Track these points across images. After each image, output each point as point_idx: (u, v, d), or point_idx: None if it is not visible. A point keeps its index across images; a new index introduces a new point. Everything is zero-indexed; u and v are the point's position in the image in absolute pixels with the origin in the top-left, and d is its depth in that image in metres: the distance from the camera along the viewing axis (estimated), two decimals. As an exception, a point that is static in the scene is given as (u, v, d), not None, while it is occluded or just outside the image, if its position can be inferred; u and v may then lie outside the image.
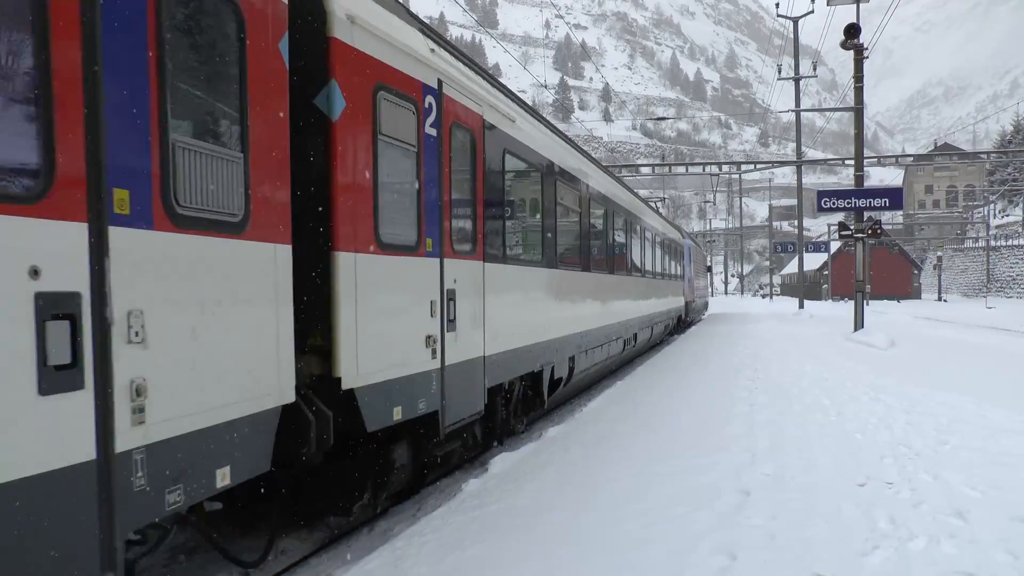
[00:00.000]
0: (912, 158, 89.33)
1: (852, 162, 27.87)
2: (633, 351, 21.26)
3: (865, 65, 25.58)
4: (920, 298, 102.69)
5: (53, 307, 3.59)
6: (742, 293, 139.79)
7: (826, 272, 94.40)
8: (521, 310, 10.62)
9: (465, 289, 8.50)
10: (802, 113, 43.84)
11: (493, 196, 9.48)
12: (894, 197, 25.15)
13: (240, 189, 4.94)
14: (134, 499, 4.08)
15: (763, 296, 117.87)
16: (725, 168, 63.56)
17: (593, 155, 16.48)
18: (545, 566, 5.19)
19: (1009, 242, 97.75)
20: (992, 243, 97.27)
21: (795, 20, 46.30)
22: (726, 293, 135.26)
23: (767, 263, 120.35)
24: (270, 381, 5.25)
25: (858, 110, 26.36)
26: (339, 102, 6.17)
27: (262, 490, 6.10)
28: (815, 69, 44.25)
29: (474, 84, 8.99)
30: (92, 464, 3.82)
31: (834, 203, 25.27)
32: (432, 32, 8.25)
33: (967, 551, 5.16)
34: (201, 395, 4.59)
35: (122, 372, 3.99)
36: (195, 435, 4.54)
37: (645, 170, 60.17)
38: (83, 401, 3.76)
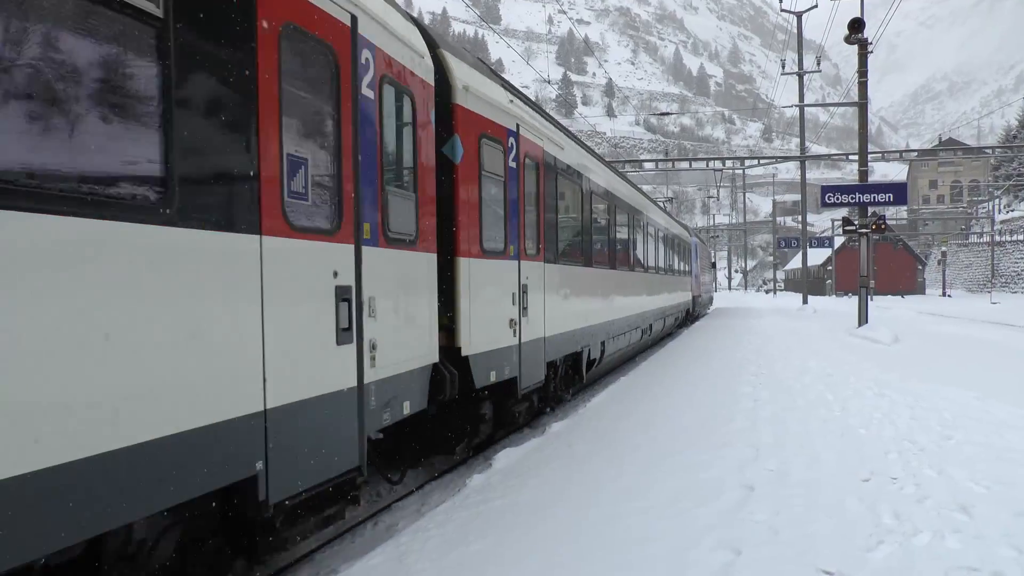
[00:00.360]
0: (916, 153, 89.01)
1: (856, 157, 27.82)
2: (648, 340, 23.34)
3: (869, 60, 25.53)
4: (924, 293, 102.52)
5: (342, 294, 5.84)
6: (745, 289, 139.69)
7: (830, 267, 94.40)
8: (568, 301, 12.85)
9: (533, 284, 10.83)
10: (806, 108, 43.82)
11: (550, 209, 11.81)
12: (898, 192, 25.10)
13: (412, 218, 7.26)
14: (370, 413, 6.30)
15: (767, 291, 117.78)
16: (728, 163, 63.40)
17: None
18: (549, 562, 5.19)
19: (1014, 237, 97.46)
20: (997, 238, 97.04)
21: (799, 15, 46.22)
22: (729, 289, 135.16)
23: (770, 258, 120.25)
24: (428, 345, 7.64)
25: (862, 105, 26.30)
26: (459, 150, 8.54)
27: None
28: (819, 64, 44.15)
29: (538, 123, 11.47)
30: (355, 388, 6.03)
31: (838, 198, 25.22)
32: (509, 85, 10.76)
33: (972, 546, 5.15)
34: (398, 352, 6.88)
35: (367, 333, 6.22)
36: (395, 377, 6.83)
37: (648, 165, 60.05)
38: (352, 350, 5.98)
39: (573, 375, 13.92)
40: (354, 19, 6.16)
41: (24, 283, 3.29)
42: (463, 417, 9.28)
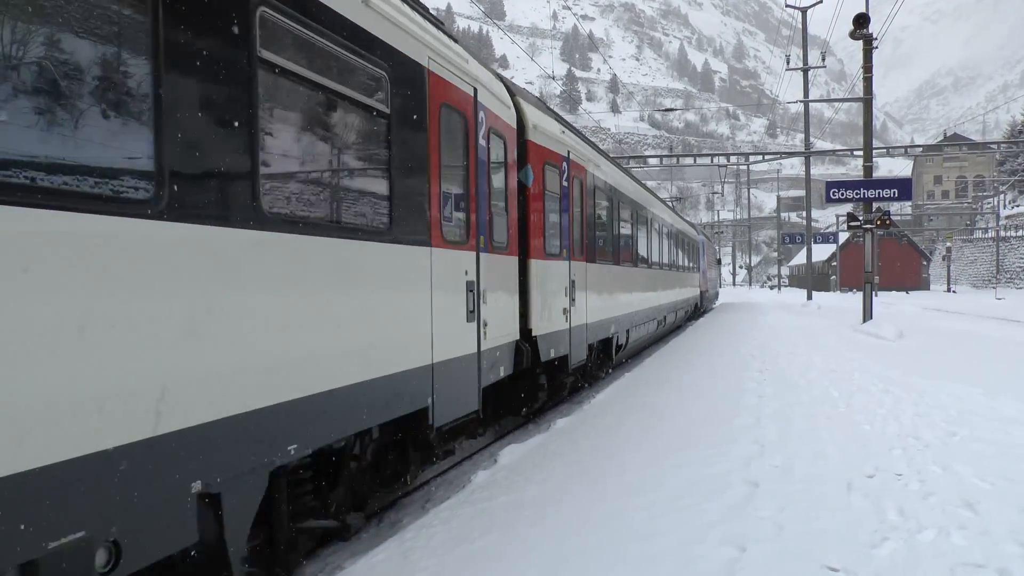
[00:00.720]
0: (921, 148, 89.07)
1: (861, 153, 27.75)
2: (662, 331, 25.93)
3: (874, 55, 25.47)
4: (929, 289, 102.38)
5: (469, 287, 8.28)
6: (750, 284, 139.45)
7: (834, 263, 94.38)
8: (603, 295, 15.23)
9: (579, 280, 13.26)
10: (810, 104, 43.68)
11: (590, 217, 14.27)
12: (903, 187, 25.07)
13: (505, 230, 9.76)
14: (483, 373, 8.75)
15: (771, 287, 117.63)
16: (733, 159, 63.42)
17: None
18: (554, 558, 5.20)
19: (1019, 233, 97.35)
20: (1002, 233, 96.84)
21: (804, 10, 46.09)
22: (734, 284, 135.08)
23: (775, 254, 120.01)
24: (513, 326, 10.08)
25: (867, 100, 26.25)
26: (531, 175, 10.91)
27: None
28: (824, 59, 44.02)
29: (582, 149, 14.08)
30: (475, 354, 8.46)
31: (843, 194, 25.20)
32: (561, 119, 13.49)
33: (977, 543, 5.14)
34: (497, 329, 9.28)
35: (482, 315, 8.68)
36: (497, 347, 9.30)
37: (653, 161, 60.02)
38: (474, 326, 8.43)
39: (604, 357, 16.32)
40: (475, 90, 8.66)
41: (317, 281, 5.42)
42: (528, 386, 11.34)
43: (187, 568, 4.68)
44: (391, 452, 7.55)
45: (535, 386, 11.47)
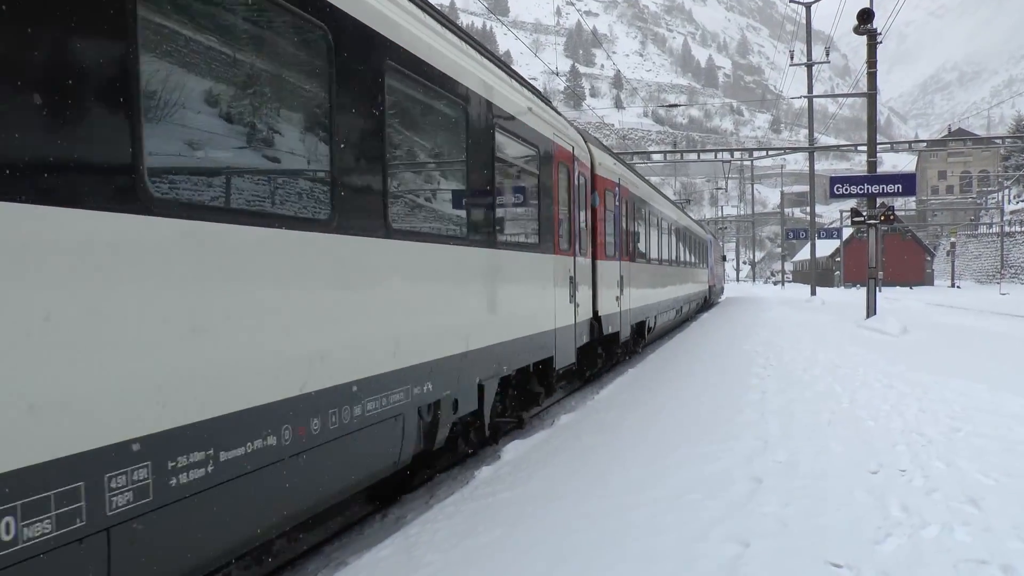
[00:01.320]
0: (925, 143, 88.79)
1: (865, 148, 27.73)
2: (680, 318, 29.97)
3: (878, 50, 25.41)
4: (933, 284, 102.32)
5: (570, 281, 12.04)
6: (754, 280, 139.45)
7: (838, 259, 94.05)
8: (640, 287, 19.18)
9: (626, 276, 17.03)
10: (815, 99, 43.62)
11: (631, 226, 18.37)
12: (907, 183, 25.01)
13: (588, 240, 13.66)
14: (577, 338, 12.59)
15: (775, 283, 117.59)
16: (737, 155, 63.34)
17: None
18: (557, 553, 5.20)
19: None
20: (1006, 229, 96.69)
21: (808, 5, 46.05)
22: (737, 280, 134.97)
23: (779, 250, 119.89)
24: (588, 308, 13.59)
25: (871, 95, 26.19)
26: (597, 199, 14.51)
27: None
28: (828, 55, 44.01)
29: (627, 174, 18.70)
30: (573, 325, 12.26)
31: (847, 189, 25.15)
32: (613, 152, 18.71)
33: (981, 539, 5.14)
34: (583, 310, 12.98)
35: (576, 299, 12.37)
36: (582, 322, 12.99)
37: (657, 157, 59.94)
38: (573, 307, 12.17)
39: (640, 337, 20.23)
40: (572, 147, 12.76)
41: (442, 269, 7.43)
42: (590, 355, 14.82)
43: (460, 427, 8.83)
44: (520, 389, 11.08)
45: (596, 355, 15.25)
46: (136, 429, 3.67)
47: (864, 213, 25.25)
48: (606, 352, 16.01)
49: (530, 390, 11.22)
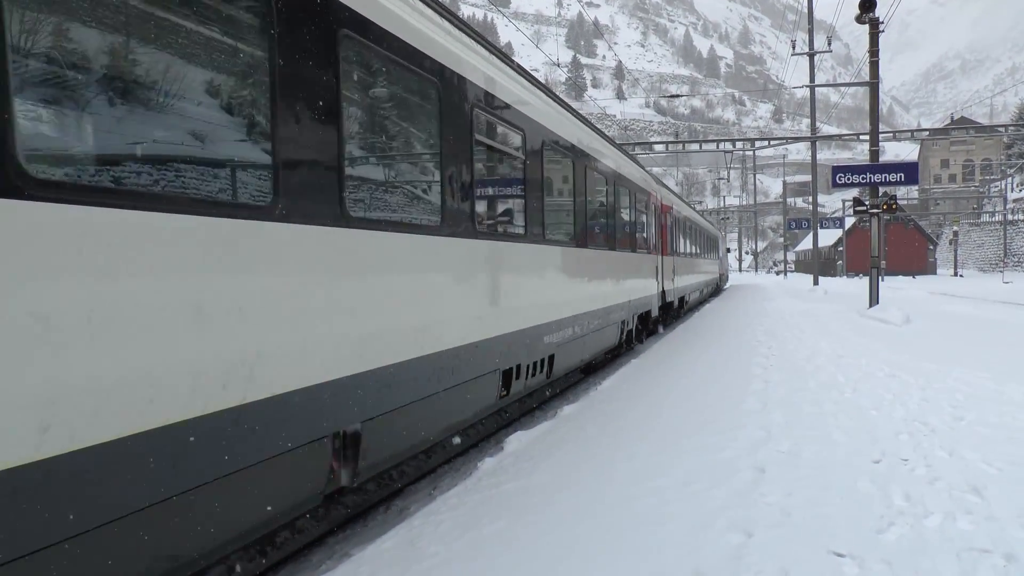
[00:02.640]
0: (928, 132, 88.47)
1: (867, 137, 27.65)
2: (700, 297, 37.29)
3: (881, 39, 25.32)
4: (935, 273, 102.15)
5: (656, 270, 21.23)
6: (756, 270, 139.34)
7: (841, 248, 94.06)
8: (681, 274, 26.57)
9: (676, 266, 24.95)
10: (816, 88, 43.54)
11: (674, 232, 24.83)
12: (909, 172, 24.95)
13: (659, 243, 21.83)
14: (663, 300, 22.51)
15: (777, 273, 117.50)
16: (739, 145, 63.22)
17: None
18: (562, 544, 5.21)
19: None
20: (1009, 217, 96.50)
21: (809, -6, 45.80)
22: (740, 270, 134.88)
23: (781, 240, 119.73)
24: (660, 285, 21.75)
25: (873, 84, 26.11)
26: (663, 218, 22.84)
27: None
28: (830, 44, 43.83)
29: (671, 196, 26.88)
30: (659, 292, 21.62)
31: (849, 178, 25.09)
32: (664, 184, 26.43)
33: (984, 528, 5.14)
34: (659, 285, 21.53)
35: (660, 279, 21.71)
36: (661, 292, 21.92)
37: (659, 148, 59.82)
38: (658, 284, 21.40)
39: (679, 309, 27.69)
40: (654, 191, 21.33)
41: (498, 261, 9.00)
42: (649, 323, 20.97)
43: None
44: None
45: (657, 321, 21.88)
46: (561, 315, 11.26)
47: (866, 202, 25.20)
48: (664, 317, 23.89)
49: (640, 327, 19.41)
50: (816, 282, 48.81)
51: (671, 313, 25.22)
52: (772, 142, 61.25)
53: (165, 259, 4.00)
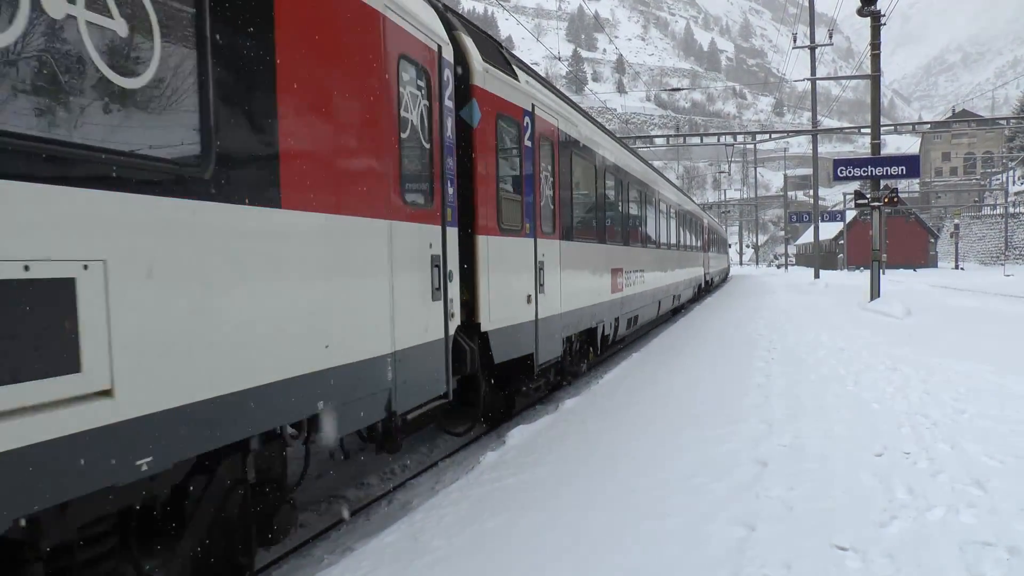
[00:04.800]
0: (929, 125, 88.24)
1: (868, 130, 27.60)
2: (719, 281, 46.36)
3: (882, 32, 25.26)
4: (937, 266, 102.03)
5: (703, 262, 38.71)
6: (757, 263, 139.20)
7: (842, 241, 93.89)
8: (708, 263, 39.86)
9: (709, 259, 41.27)
10: (818, 82, 43.48)
11: (709, 239, 36.76)
12: (911, 165, 24.91)
13: (704, 244, 38.42)
14: (703, 280, 38.37)
15: (778, 266, 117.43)
16: (740, 138, 63.05)
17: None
18: (564, 538, 5.22)
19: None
20: (1010, 210, 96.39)
21: (810, -13, 45.68)
22: (741, 264, 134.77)
23: (782, 233, 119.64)
24: (702, 272, 37.44)
25: (875, 78, 26.06)
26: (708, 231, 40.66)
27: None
28: (831, 37, 43.70)
29: (707, 215, 42.21)
30: (703, 274, 38.23)
31: (850, 172, 25.05)
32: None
33: (986, 521, 5.14)
34: (701, 272, 37.02)
35: (705, 268, 39.26)
36: (704, 275, 38.76)
37: (660, 141, 59.74)
38: (703, 271, 39.26)
39: (709, 284, 40.55)
40: (705, 217, 38.31)
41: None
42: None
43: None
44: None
45: (698, 295, 32.26)
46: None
47: (867, 196, 25.17)
48: (698, 295, 33.23)
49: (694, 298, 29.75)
50: (817, 275, 48.79)
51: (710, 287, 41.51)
52: (773, 135, 61.09)
53: None
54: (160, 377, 3.80)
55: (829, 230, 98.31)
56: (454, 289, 7.59)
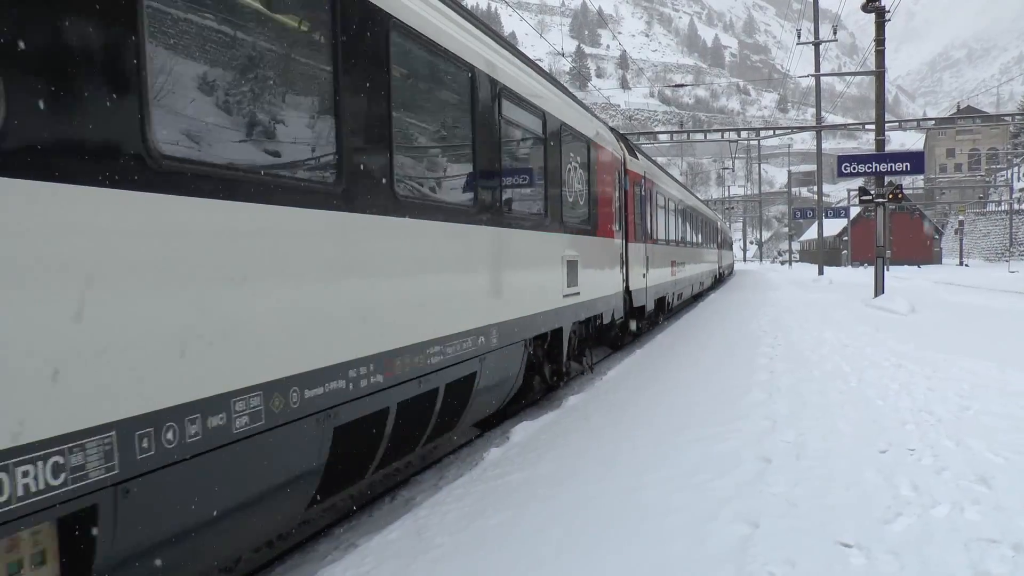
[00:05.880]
0: (934, 122, 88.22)
1: (873, 127, 27.51)
2: (729, 272, 54.22)
3: (886, 28, 25.21)
4: (941, 263, 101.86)
5: (719, 258, 49.00)
6: (760, 260, 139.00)
7: (846, 238, 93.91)
8: (724, 259, 53.71)
9: (727, 255, 61.41)
10: (822, 78, 43.37)
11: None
12: (915, 161, 24.86)
13: (720, 242, 50.78)
14: (721, 271, 51.57)
15: (781, 263, 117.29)
16: (744, 134, 63.04)
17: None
18: (568, 534, 5.21)
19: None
20: (1015, 206, 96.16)
21: (815, -17, 45.57)
22: (744, 260, 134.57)
23: (785, 229, 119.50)
24: (716, 266, 46.47)
25: (879, 74, 26.00)
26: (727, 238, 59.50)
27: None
28: (835, 33, 43.59)
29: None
30: (717, 268, 46.55)
31: (854, 168, 25.01)
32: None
33: (991, 518, 5.13)
34: (718, 265, 48.34)
35: (719, 261, 50.50)
36: (724, 266, 56.82)
37: (663, 137, 59.72)
38: (715, 260, 47.18)
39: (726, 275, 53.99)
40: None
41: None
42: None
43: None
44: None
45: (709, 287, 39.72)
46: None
47: (872, 192, 25.11)
48: (719, 281, 42.58)
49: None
50: (821, 272, 48.73)
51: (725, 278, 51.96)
52: (777, 132, 61.05)
53: None
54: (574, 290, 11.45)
55: (833, 226, 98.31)
56: (623, 270, 15.51)
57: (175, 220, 3.85)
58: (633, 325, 17.03)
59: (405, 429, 6.61)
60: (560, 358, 11.44)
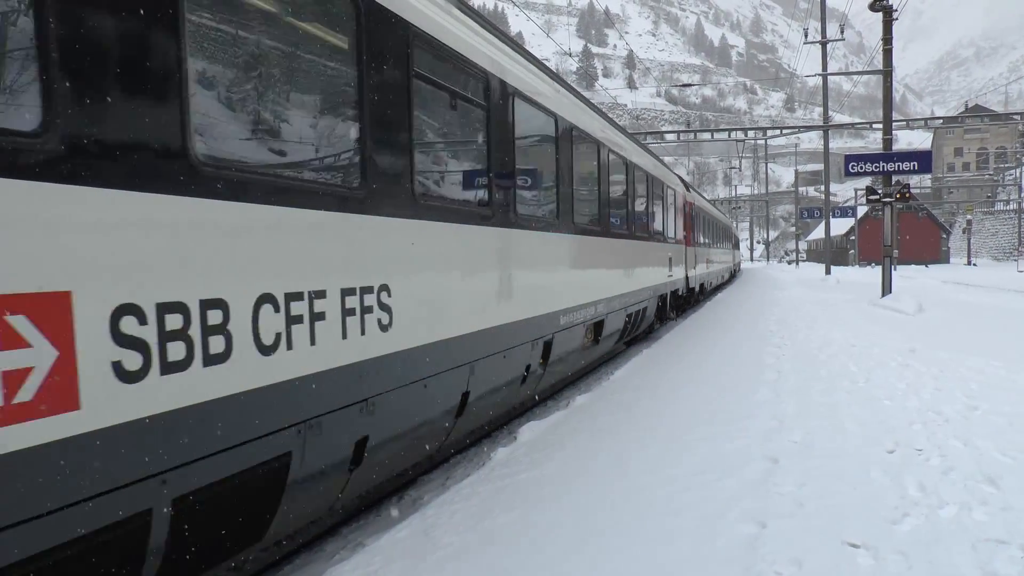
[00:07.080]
0: (941, 121, 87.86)
1: (880, 126, 27.46)
2: (738, 271, 60.03)
3: (894, 27, 25.15)
4: (949, 262, 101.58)
5: (733, 255, 59.32)
6: (767, 260, 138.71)
7: (853, 237, 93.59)
8: (734, 259, 60.63)
9: (737, 255, 70.63)
10: (829, 77, 43.27)
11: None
12: (923, 160, 24.79)
13: (736, 247, 66.15)
14: (736, 268, 66.07)
15: (788, 262, 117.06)
16: (751, 134, 62.91)
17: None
18: (576, 534, 5.22)
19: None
20: None
21: (822, -18, 45.48)
22: (751, 260, 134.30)
23: (792, 229, 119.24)
24: (730, 264, 56.13)
25: (887, 73, 25.94)
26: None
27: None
28: (842, 32, 43.54)
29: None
30: (732, 265, 56.58)
31: (862, 167, 24.95)
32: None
33: (999, 518, 5.13)
34: (728, 264, 52.54)
35: (734, 259, 62.24)
36: (736, 263, 66.87)
37: (670, 137, 59.64)
38: (732, 266, 58.45)
39: (731, 278, 53.71)
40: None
41: None
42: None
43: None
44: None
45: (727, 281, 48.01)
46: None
47: (879, 191, 25.06)
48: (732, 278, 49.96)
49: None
50: (828, 271, 48.65)
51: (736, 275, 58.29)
52: (784, 131, 60.92)
53: None
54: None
55: (840, 226, 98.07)
56: (686, 264, 23.62)
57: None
58: (690, 296, 26.43)
59: (626, 325, 15.22)
60: (665, 309, 20.86)
